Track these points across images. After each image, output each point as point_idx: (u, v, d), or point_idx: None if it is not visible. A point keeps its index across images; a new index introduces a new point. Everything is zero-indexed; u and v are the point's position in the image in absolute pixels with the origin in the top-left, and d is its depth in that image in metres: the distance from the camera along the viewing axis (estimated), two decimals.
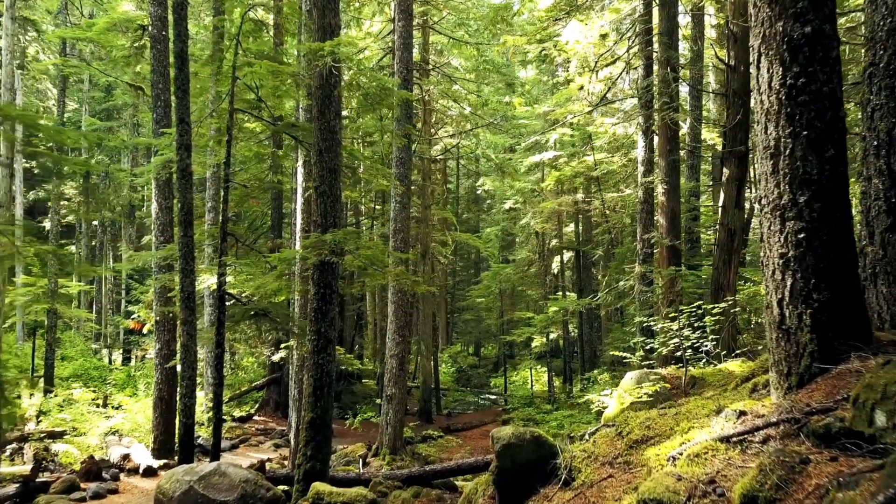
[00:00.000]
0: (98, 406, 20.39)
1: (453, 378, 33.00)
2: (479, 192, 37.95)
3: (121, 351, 29.53)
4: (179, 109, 10.69)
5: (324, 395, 9.02)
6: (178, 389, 10.42)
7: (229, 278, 13.21)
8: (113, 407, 18.63)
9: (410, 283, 9.54)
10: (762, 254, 4.78)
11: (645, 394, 8.78)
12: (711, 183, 23.79)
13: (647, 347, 12.66)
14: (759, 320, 17.50)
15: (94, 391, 23.53)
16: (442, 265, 28.96)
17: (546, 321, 19.08)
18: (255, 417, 20.66)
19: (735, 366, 10.99)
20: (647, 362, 15.21)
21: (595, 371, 27.88)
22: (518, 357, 36.28)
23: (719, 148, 22.62)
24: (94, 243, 33.88)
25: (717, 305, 10.99)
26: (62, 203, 35.69)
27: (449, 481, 10.92)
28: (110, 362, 28.67)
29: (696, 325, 10.93)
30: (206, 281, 13.35)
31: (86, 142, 26.33)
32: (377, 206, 27.18)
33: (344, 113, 23.07)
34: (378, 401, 20.38)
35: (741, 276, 15.80)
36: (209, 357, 18.64)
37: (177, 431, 14.89)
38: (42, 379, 21.03)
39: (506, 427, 6.25)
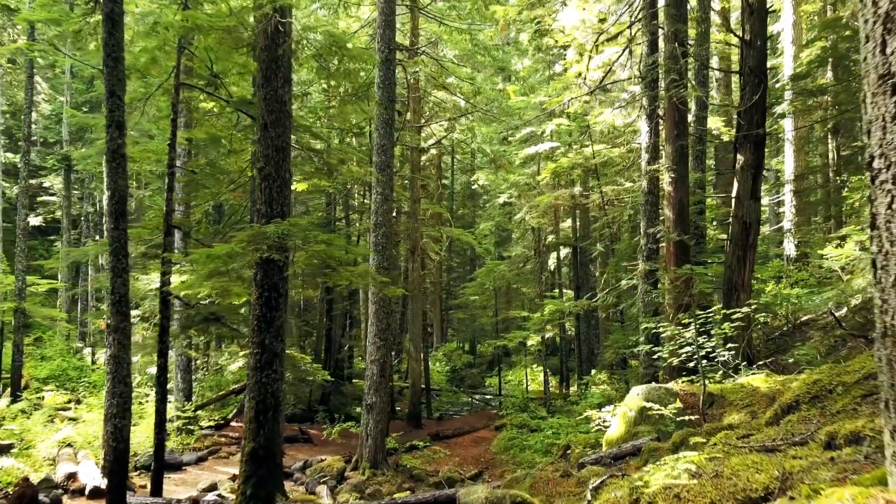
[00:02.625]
0: (70, 409, 18.65)
1: (447, 377, 31.18)
2: (474, 187, 36.06)
3: (103, 350, 27.73)
4: (109, 81, 8.84)
5: (268, 420, 7.22)
6: (107, 409, 8.62)
7: (181, 278, 11.40)
8: (73, 415, 16.80)
9: (378, 285, 7.69)
10: (872, 241, 2.90)
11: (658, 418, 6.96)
12: (716, 173, 21.95)
13: (655, 357, 10.82)
14: (779, 324, 15.66)
15: (71, 392, 21.79)
16: (434, 262, 27.13)
17: (540, 323, 17.29)
18: (233, 423, 18.85)
19: (759, 381, 9.14)
20: (652, 367, 13.41)
21: (593, 371, 26.09)
22: (514, 355, 34.42)
23: (725, 137, 20.79)
24: (81, 238, 32.08)
25: (737, 310, 9.16)
26: (46, 198, 33.95)
27: None
28: (93, 362, 26.90)
29: (712, 332, 9.10)
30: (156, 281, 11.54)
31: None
32: (367, 200, 25.35)
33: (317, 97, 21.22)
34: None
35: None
36: (180, 360, 16.83)
37: (130, 447, 13.18)
38: (9, 383, 19.27)
39: (477, 488, 4.48)
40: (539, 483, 7.77)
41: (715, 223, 21.67)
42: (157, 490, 9.17)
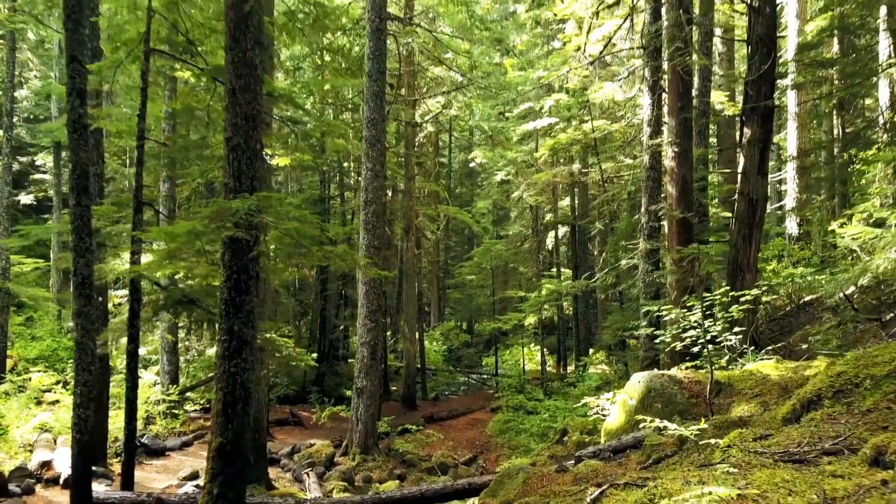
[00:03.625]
0: (56, 391, 18.03)
1: (444, 357, 30.57)
2: (472, 164, 35.18)
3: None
4: (70, 45, 8.07)
5: (237, 413, 6.54)
6: (73, 399, 7.94)
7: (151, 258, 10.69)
8: (57, 398, 16.17)
9: (361, 266, 6.97)
10: None
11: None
12: (718, 150, 21.17)
13: (657, 340, 10.13)
14: (782, 305, 14.99)
15: (59, 373, 21.17)
16: (430, 241, 26.40)
17: (537, 304, 16.62)
18: None
19: (769, 368, 8.46)
20: (653, 350, 12.74)
21: (591, 351, 25.48)
22: (511, 335, 33.80)
23: (729, 112, 19.95)
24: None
25: (747, 292, 8.46)
26: (39, 176, 33.08)
27: None
28: None
29: (718, 315, 8.39)
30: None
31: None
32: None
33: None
34: None
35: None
36: (165, 343, 16.17)
37: (108, 434, 12.58)
38: None
39: None
40: (532, 479, 7.11)
41: (717, 201, 20.93)
42: (127, 482, 8.53)
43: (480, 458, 15.31)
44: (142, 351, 19.08)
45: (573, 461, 7.78)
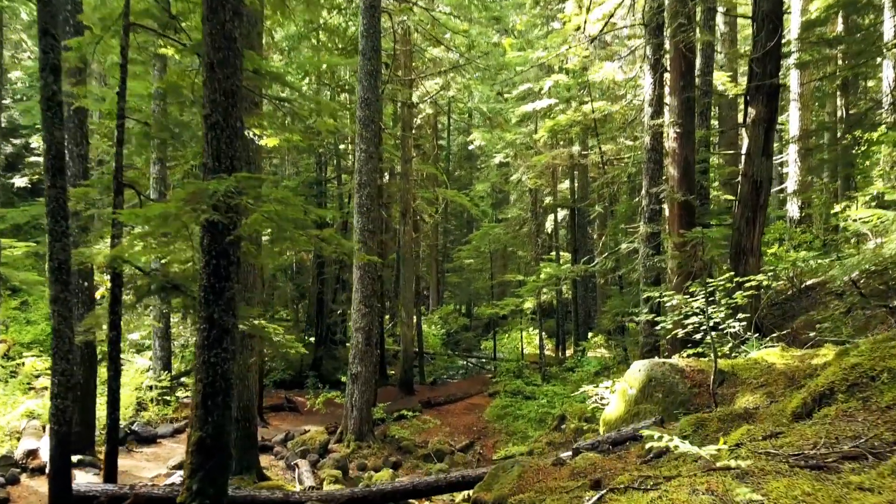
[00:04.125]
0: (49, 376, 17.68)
1: (442, 341, 30.26)
2: (471, 147, 34.67)
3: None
4: (42, 18, 7.63)
5: (217, 406, 6.18)
6: (51, 388, 7.58)
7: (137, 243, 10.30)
8: (47, 384, 15.83)
9: (348, 251, 6.58)
10: None
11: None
12: (719, 131, 20.69)
13: (658, 327, 9.76)
14: (783, 289, 14.62)
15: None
16: (429, 224, 25.98)
17: (535, 289, 16.25)
18: None
19: (775, 356, 8.09)
20: (653, 336, 12.38)
21: (590, 334, 25.16)
22: (510, 318, 33.48)
23: (731, 93, 19.45)
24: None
25: (752, 277, 8.08)
26: (34, 158, 32.55)
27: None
28: None
29: (721, 301, 8.01)
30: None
31: None
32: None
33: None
34: None
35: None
36: (157, 328, 15.82)
37: (96, 422, 12.26)
38: None
39: None
40: (528, 473, 6.77)
41: (717, 183, 20.49)
42: (110, 474, 8.20)
43: (477, 445, 15.02)
44: (135, 336, 18.80)
45: (571, 453, 7.44)
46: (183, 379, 17.88)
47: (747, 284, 7.91)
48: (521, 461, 7.16)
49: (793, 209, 21.43)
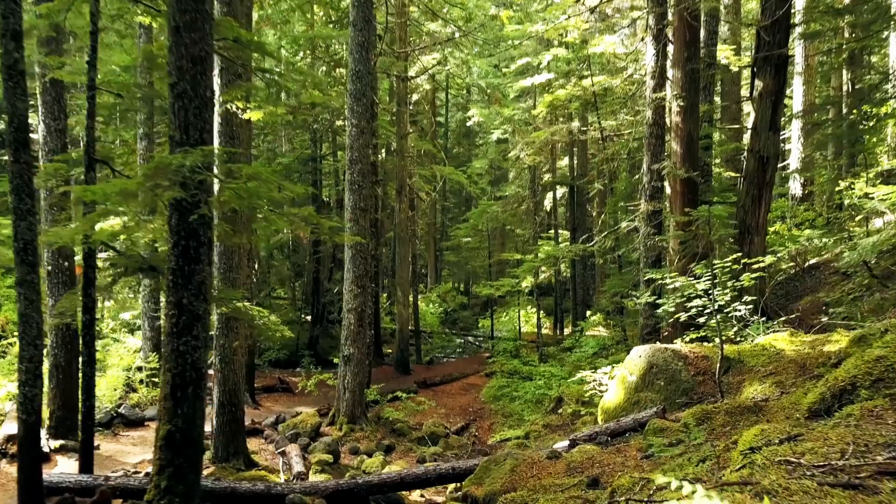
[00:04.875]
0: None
1: (440, 319, 29.82)
2: (469, 124, 33.97)
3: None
4: None
5: (187, 397, 5.71)
6: (18, 376, 7.10)
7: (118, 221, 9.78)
8: None
9: (328, 231, 6.06)
10: None
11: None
12: (721, 106, 20.05)
13: (660, 310, 9.26)
14: (786, 267, 14.13)
15: (47, 336, 20.39)
16: (426, 201, 25.40)
17: (531, 269, 15.75)
18: (210, 372, 17.45)
19: (783, 342, 7.59)
20: (653, 318, 11.90)
21: (588, 313, 24.72)
22: (508, 296, 33.05)
23: (735, 67, 18.76)
24: None
25: (761, 258, 7.56)
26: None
27: (395, 496, 7.73)
28: None
29: (729, 283, 7.50)
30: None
31: None
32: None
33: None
34: None
35: None
36: (146, 307, 15.34)
37: (79, 406, 11.80)
38: None
39: None
40: (521, 467, 6.32)
41: (719, 160, 19.88)
42: (86, 464, 7.78)
43: (473, 427, 14.62)
44: (126, 316, 18.33)
45: (567, 444, 6.99)
46: None
47: (755, 266, 7.40)
48: (514, 454, 6.70)
49: (795, 187, 20.84)
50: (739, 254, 7.26)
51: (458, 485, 7.70)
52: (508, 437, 12.19)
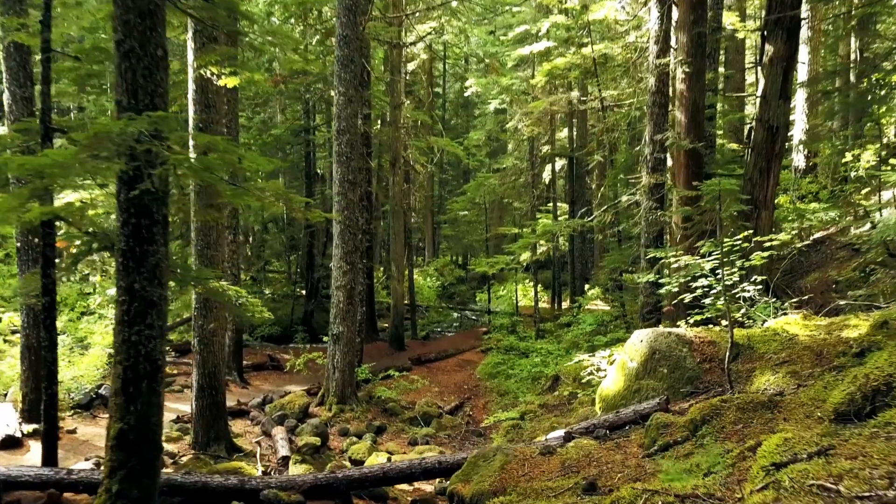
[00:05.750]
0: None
1: (438, 293, 29.26)
2: (467, 94, 33.04)
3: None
4: None
5: (141, 392, 5.10)
6: None
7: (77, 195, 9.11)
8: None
9: (296, 207, 5.40)
10: None
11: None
12: (724, 76, 19.20)
13: (662, 290, 8.63)
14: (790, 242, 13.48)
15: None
16: (422, 174, 24.63)
17: (528, 245, 15.08)
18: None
19: (797, 326, 6.94)
20: (654, 296, 11.27)
21: (586, 287, 24.14)
22: (506, 270, 32.43)
23: (741, 35, 17.91)
24: None
25: (774, 236, 6.90)
26: None
27: (379, 491, 7.18)
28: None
29: (738, 262, 6.83)
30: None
31: None
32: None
33: None
34: None
35: None
36: None
37: (63, 385, 11.24)
38: None
39: None
40: (512, 464, 5.74)
41: (721, 132, 19.10)
42: (50, 456, 7.22)
43: (467, 406, 14.11)
44: (112, 291, 17.73)
45: (562, 437, 6.40)
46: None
47: (767, 244, 6.74)
48: (505, 448, 6.11)
49: (798, 159, 20.10)
50: (751, 231, 6.59)
51: (441, 480, 7.16)
52: (503, 418, 11.65)
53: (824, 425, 4.04)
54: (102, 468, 5.12)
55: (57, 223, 7.17)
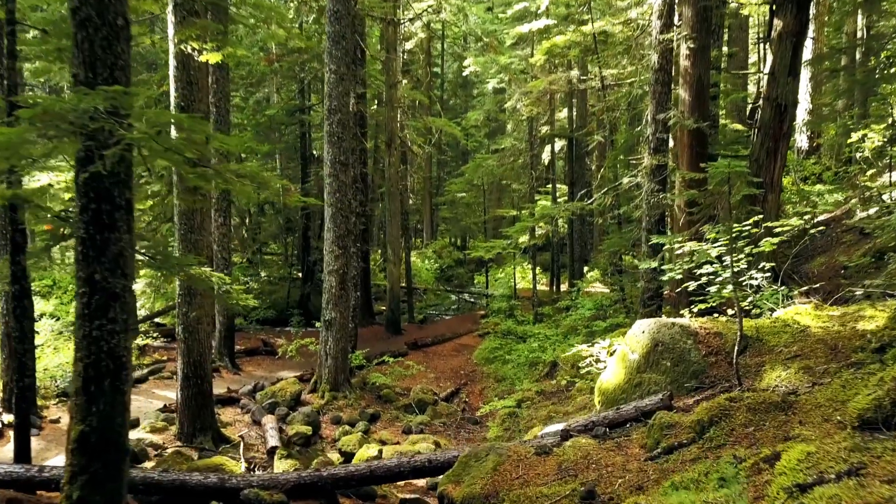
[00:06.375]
0: None
1: (436, 276, 28.84)
2: (465, 73, 32.37)
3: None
4: None
5: (104, 391, 4.69)
6: None
7: (60, 177, 8.69)
8: None
9: (276, 190, 5.01)
10: None
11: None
12: (728, 55, 18.61)
13: (665, 277, 8.19)
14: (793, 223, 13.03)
15: None
16: (420, 155, 24.11)
17: (525, 228, 14.63)
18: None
19: (808, 316, 6.50)
20: (656, 282, 10.84)
21: (586, 269, 23.73)
22: (504, 252, 31.96)
23: (745, 11, 17.27)
24: None
25: (785, 222, 6.45)
26: None
27: (367, 489, 6.80)
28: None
29: (746, 248, 6.39)
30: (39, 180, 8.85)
31: None
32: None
33: None
34: None
35: None
36: None
37: (47, 374, 10.90)
38: None
39: None
40: (506, 465, 5.35)
41: (724, 112, 18.55)
42: (22, 452, 6.85)
43: (463, 392, 13.76)
44: None
45: (559, 435, 6.00)
46: (156, 319, 16.56)
47: (777, 229, 6.29)
48: (498, 448, 5.71)
49: (801, 139, 19.61)
50: (761, 215, 6.14)
51: (429, 479, 6.78)
52: (499, 406, 11.29)
53: (848, 434, 3.62)
54: (66, 472, 4.72)
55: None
